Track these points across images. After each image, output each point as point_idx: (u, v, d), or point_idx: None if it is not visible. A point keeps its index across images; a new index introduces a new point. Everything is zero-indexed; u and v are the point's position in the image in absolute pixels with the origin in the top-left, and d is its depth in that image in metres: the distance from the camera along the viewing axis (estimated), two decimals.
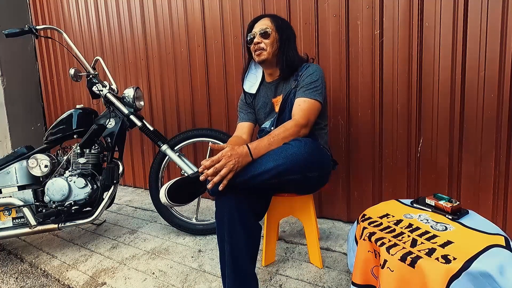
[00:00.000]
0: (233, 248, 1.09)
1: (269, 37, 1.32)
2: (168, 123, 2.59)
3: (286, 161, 1.06)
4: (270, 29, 1.32)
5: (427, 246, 0.91)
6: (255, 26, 1.36)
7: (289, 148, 1.08)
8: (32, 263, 1.71)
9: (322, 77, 1.32)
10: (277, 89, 1.41)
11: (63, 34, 1.75)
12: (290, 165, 1.06)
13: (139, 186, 2.90)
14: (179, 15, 2.34)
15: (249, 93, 1.48)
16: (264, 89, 1.45)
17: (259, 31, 1.33)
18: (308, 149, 1.09)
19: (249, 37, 1.37)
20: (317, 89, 1.28)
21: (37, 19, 3.28)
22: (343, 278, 1.34)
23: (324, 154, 1.29)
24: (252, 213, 1.13)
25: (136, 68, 2.66)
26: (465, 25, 1.45)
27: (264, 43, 1.32)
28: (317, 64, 1.37)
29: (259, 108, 1.47)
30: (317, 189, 1.34)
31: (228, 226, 1.09)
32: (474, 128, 1.50)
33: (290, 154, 1.07)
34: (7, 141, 3.17)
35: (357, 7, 1.67)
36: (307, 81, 1.30)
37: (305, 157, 1.08)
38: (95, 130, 1.72)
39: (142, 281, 1.43)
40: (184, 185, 1.26)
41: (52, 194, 1.65)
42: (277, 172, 1.06)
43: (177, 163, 1.72)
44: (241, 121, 1.51)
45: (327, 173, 1.29)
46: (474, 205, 1.53)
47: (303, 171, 1.10)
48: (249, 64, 1.49)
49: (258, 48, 1.33)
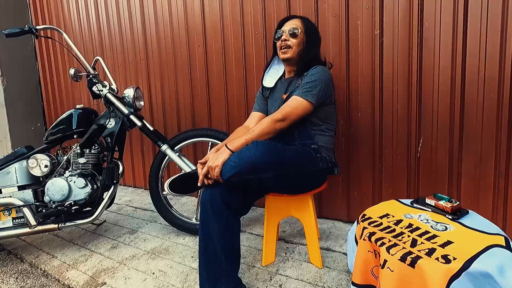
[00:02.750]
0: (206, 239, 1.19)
1: (297, 37, 1.37)
2: (168, 123, 2.59)
3: (240, 162, 1.14)
4: (299, 30, 1.37)
5: (427, 246, 0.91)
6: (285, 24, 1.41)
7: (243, 151, 1.17)
8: (32, 263, 1.71)
9: (322, 79, 1.32)
10: (289, 86, 1.45)
11: (63, 34, 1.75)
12: (243, 167, 1.13)
13: (139, 186, 2.90)
14: (179, 15, 2.34)
15: (267, 87, 1.53)
16: (280, 84, 1.51)
17: (289, 30, 1.38)
18: (259, 151, 1.15)
19: (278, 34, 1.42)
20: (311, 90, 1.30)
21: (37, 19, 3.28)
22: (343, 278, 1.34)
23: (290, 152, 1.28)
24: (226, 205, 1.18)
25: (136, 68, 2.66)
26: (465, 25, 1.45)
27: (292, 42, 1.37)
28: (324, 67, 1.38)
29: (272, 101, 1.52)
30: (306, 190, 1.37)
31: (202, 217, 1.19)
32: (474, 128, 1.49)
33: (242, 157, 1.15)
34: (7, 141, 3.17)
35: (357, 7, 1.67)
36: (305, 81, 1.33)
37: (255, 160, 1.14)
38: (95, 130, 1.72)
39: (142, 281, 1.43)
40: (185, 180, 1.41)
41: (52, 194, 1.65)
42: (235, 172, 1.13)
43: (177, 163, 1.72)
44: (254, 110, 1.59)
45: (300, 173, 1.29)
46: (474, 205, 1.53)
47: (255, 172, 1.17)
48: (272, 59, 1.55)
49: (285, 45, 1.38)
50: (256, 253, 1.60)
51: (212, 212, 1.17)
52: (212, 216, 1.17)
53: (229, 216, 1.19)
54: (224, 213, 1.18)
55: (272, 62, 1.55)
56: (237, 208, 1.22)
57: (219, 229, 1.17)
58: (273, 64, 1.55)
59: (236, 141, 1.23)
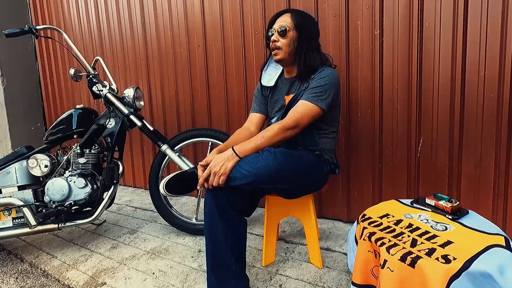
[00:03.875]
0: (213, 241, 1.14)
1: (286, 36, 1.28)
2: (168, 123, 2.59)
3: (256, 172, 1.10)
4: (288, 27, 1.28)
5: (427, 246, 0.91)
6: (276, 22, 1.32)
7: (259, 160, 1.12)
8: (32, 263, 1.71)
9: (332, 83, 1.26)
10: (292, 87, 1.39)
11: (63, 34, 1.75)
12: (259, 177, 1.10)
13: (139, 186, 2.90)
14: (179, 15, 2.34)
15: (267, 86, 1.46)
16: (281, 84, 1.44)
17: (278, 28, 1.29)
18: (276, 163, 1.11)
19: (270, 33, 1.33)
20: (321, 95, 1.24)
21: (37, 19, 3.28)
22: (343, 278, 1.34)
23: (305, 164, 1.25)
24: (231, 206, 1.15)
25: (136, 68, 2.66)
26: (465, 25, 1.45)
27: (281, 42, 1.29)
28: (332, 70, 1.31)
29: (272, 102, 1.46)
30: (308, 193, 1.36)
31: (208, 219, 1.15)
32: (474, 128, 1.49)
33: (259, 166, 1.10)
34: (7, 141, 3.17)
35: (357, 7, 1.67)
36: (313, 85, 1.26)
37: (273, 171, 1.11)
38: (95, 130, 1.72)
39: (142, 281, 1.43)
40: (181, 179, 1.34)
41: (52, 194, 1.65)
42: (250, 181, 1.10)
43: (177, 163, 1.72)
44: (253, 111, 1.51)
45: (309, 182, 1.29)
46: (474, 205, 1.53)
47: (272, 183, 1.14)
48: (269, 57, 1.47)
49: (274, 46, 1.30)
50: (256, 253, 1.60)
51: (218, 214, 1.13)
52: (218, 218, 1.13)
53: (236, 217, 1.16)
54: (231, 215, 1.14)
55: (270, 61, 1.47)
56: (243, 209, 1.20)
57: (227, 231, 1.13)
58: (271, 62, 1.47)
59: (243, 146, 1.16)
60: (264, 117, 1.51)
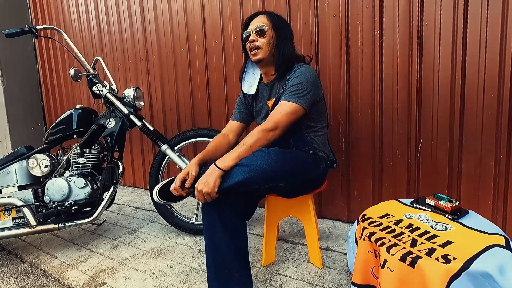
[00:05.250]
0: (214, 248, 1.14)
1: (265, 35, 1.28)
2: (168, 123, 2.59)
3: (252, 173, 1.08)
4: (266, 27, 1.28)
5: (427, 246, 0.91)
6: (251, 23, 1.31)
7: (254, 161, 1.10)
8: (32, 263, 1.71)
9: (309, 80, 1.24)
10: (272, 91, 1.37)
11: (63, 34, 1.75)
12: (256, 178, 1.09)
13: (139, 186, 2.90)
14: (179, 15, 2.34)
15: (248, 93, 1.44)
16: (262, 90, 1.42)
17: (255, 28, 1.28)
18: (271, 161, 1.10)
19: (245, 35, 1.32)
20: (298, 92, 1.22)
21: (37, 19, 3.28)
22: (343, 278, 1.34)
23: (299, 161, 1.24)
24: (233, 213, 1.14)
25: (136, 68, 2.66)
26: (465, 25, 1.45)
27: (260, 42, 1.28)
28: (307, 66, 1.30)
29: (257, 110, 1.45)
30: (308, 192, 1.36)
31: (208, 229, 1.14)
32: (474, 128, 1.49)
33: (255, 166, 1.09)
34: (7, 141, 3.17)
35: (357, 7, 1.67)
36: (290, 84, 1.25)
37: (268, 169, 1.10)
38: (95, 130, 1.72)
39: (142, 281, 1.43)
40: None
41: (52, 194, 1.65)
42: (247, 183, 1.09)
43: (177, 163, 1.72)
44: (233, 119, 1.51)
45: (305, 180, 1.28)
46: (474, 205, 1.53)
47: (269, 182, 1.13)
48: (246, 63, 1.44)
49: (253, 46, 1.29)
50: (256, 253, 1.60)
51: (218, 218, 1.12)
52: (218, 222, 1.12)
53: (236, 220, 1.15)
54: (231, 219, 1.13)
55: (247, 66, 1.44)
56: (242, 212, 1.19)
57: (227, 236, 1.12)
58: (248, 68, 1.44)
59: (226, 159, 1.11)
60: (243, 126, 1.49)
